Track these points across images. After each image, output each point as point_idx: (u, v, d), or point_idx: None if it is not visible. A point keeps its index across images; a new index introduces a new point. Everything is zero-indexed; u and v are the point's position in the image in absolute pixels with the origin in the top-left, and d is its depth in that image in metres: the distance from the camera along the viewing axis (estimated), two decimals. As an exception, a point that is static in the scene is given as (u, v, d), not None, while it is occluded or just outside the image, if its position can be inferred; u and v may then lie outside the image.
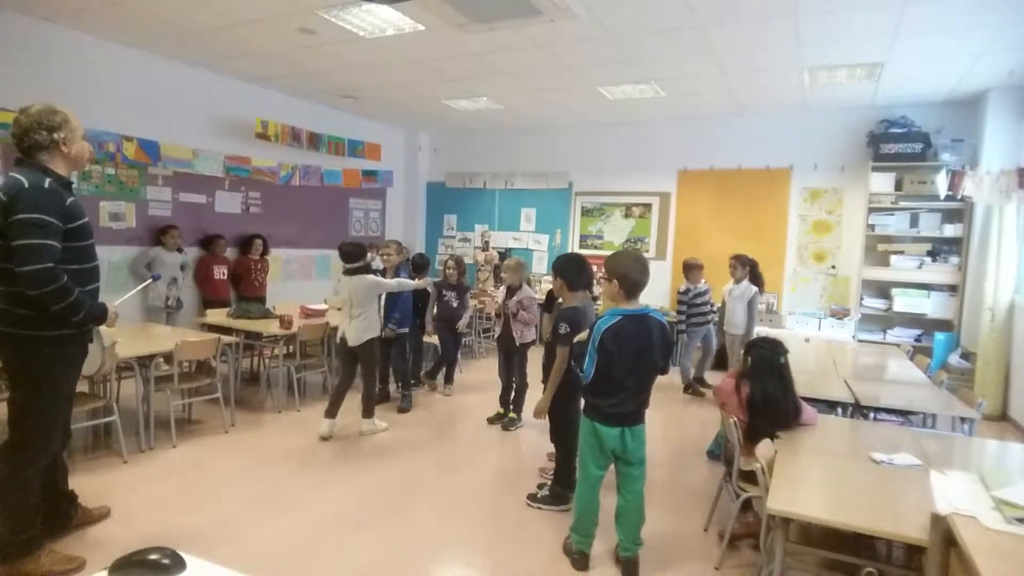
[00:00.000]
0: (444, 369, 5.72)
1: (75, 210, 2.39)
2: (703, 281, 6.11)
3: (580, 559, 2.73)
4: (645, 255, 7.67)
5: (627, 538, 2.72)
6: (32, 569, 2.42)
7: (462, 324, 5.56)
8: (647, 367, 2.66)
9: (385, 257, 5.11)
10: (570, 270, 3.27)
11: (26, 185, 2.25)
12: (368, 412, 4.48)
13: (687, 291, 6.06)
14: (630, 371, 2.59)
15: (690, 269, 6.09)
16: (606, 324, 2.56)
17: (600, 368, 2.56)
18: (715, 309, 6.11)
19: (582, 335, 2.70)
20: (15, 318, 2.30)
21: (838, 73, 5.62)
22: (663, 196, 8.05)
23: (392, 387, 5.32)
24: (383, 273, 5.02)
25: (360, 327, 4.29)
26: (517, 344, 4.71)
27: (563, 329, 3.06)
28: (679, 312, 6.17)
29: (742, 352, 3.15)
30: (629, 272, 2.62)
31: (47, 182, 2.30)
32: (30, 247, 2.20)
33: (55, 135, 2.38)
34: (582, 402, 2.79)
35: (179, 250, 6.08)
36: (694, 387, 6.05)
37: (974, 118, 6.17)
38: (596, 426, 2.65)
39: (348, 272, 4.32)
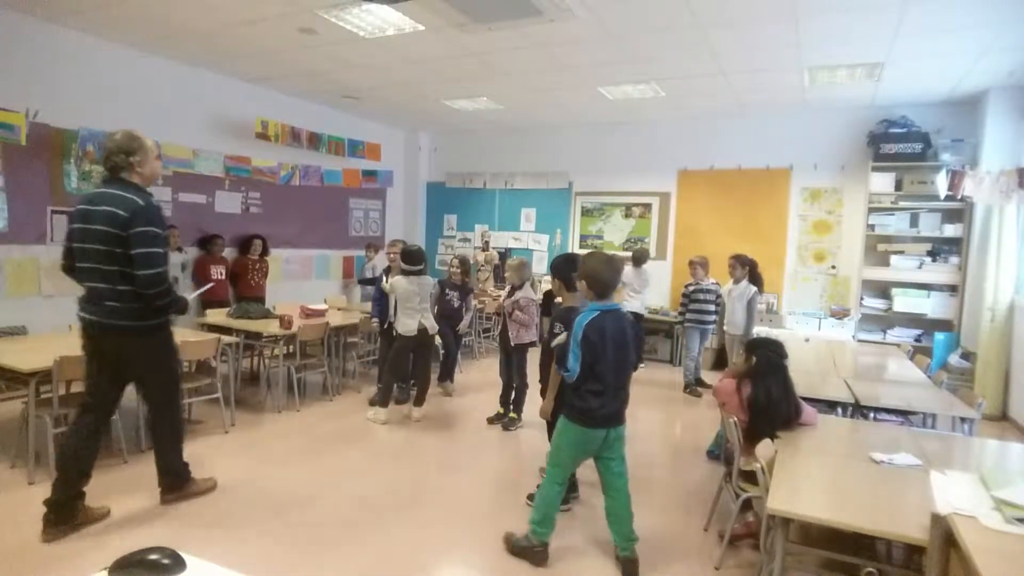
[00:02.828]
0: (442, 368, 5.72)
1: (164, 223, 2.88)
2: (710, 279, 6.09)
3: (543, 551, 2.75)
4: (648, 252, 7.78)
5: (622, 537, 2.74)
6: (193, 488, 3.23)
7: (463, 326, 5.57)
8: (623, 361, 2.69)
9: (392, 256, 5.12)
10: (566, 270, 3.27)
11: (142, 203, 2.72)
12: (421, 401, 4.89)
13: (688, 285, 6.16)
14: (611, 366, 2.62)
15: (689, 266, 6.19)
16: (587, 319, 2.60)
17: (586, 364, 2.58)
18: (714, 310, 6.09)
19: (561, 337, 2.72)
20: (135, 312, 2.79)
21: (838, 73, 5.62)
22: (663, 196, 8.06)
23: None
24: (387, 271, 5.08)
25: (432, 319, 4.84)
26: (513, 344, 4.70)
27: (558, 329, 3.06)
28: (680, 307, 6.26)
29: (742, 352, 3.15)
30: (598, 274, 2.66)
31: (153, 200, 2.81)
32: (149, 255, 2.70)
33: (131, 158, 2.81)
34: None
35: (179, 249, 6.08)
36: (692, 388, 6.06)
37: (974, 118, 6.17)
38: (585, 431, 2.66)
39: (412, 273, 4.66)
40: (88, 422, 2.90)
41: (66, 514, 2.80)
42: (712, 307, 6.03)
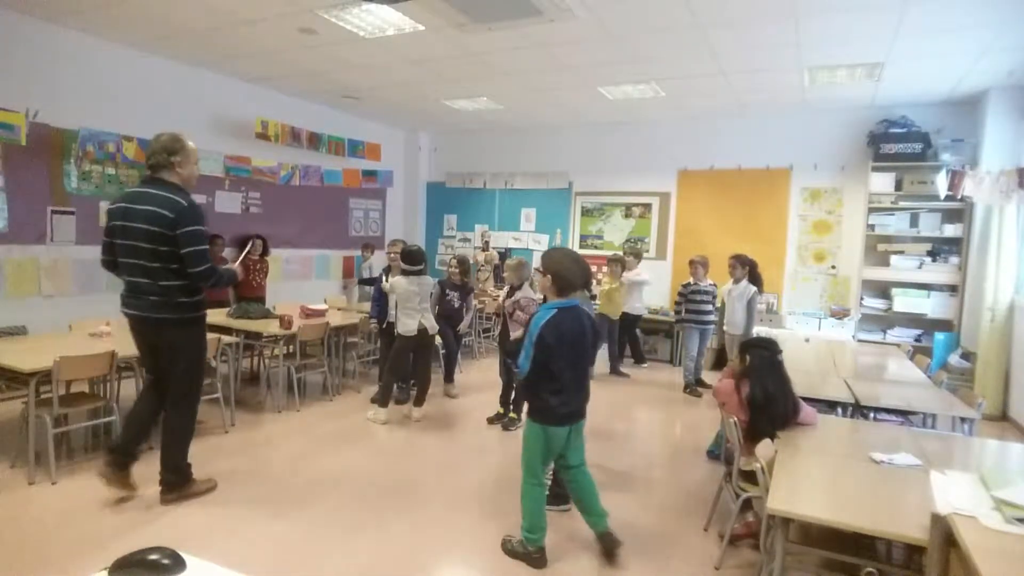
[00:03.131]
0: (445, 369, 5.70)
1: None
2: (708, 280, 6.11)
3: (540, 556, 2.74)
4: (645, 253, 7.80)
5: (593, 514, 2.81)
6: (192, 489, 3.24)
7: (463, 326, 5.54)
8: (581, 358, 2.72)
9: (392, 256, 5.11)
10: None
11: (185, 204, 2.92)
12: (421, 401, 4.89)
13: (686, 285, 6.18)
14: (567, 364, 2.64)
15: (690, 265, 6.22)
16: (543, 319, 2.60)
17: (538, 363, 2.59)
18: (711, 311, 6.10)
19: (519, 332, 2.73)
20: (178, 306, 3.01)
21: (838, 73, 5.62)
22: (663, 196, 8.06)
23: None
24: (387, 271, 5.08)
25: (432, 319, 4.83)
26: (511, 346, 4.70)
27: None
28: (676, 307, 6.30)
29: (738, 355, 3.15)
30: (561, 270, 2.68)
31: (192, 198, 3.00)
32: (198, 253, 2.93)
33: (172, 158, 3.01)
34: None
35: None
36: (692, 388, 6.07)
37: (974, 118, 6.17)
38: (547, 429, 2.68)
39: (412, 273, 4.64)
40: (151, 397, 3.23)
41: (123, 459, 3.13)
42: (710, 307, 6.04)
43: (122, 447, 3.14)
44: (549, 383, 2.64)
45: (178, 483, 3.21)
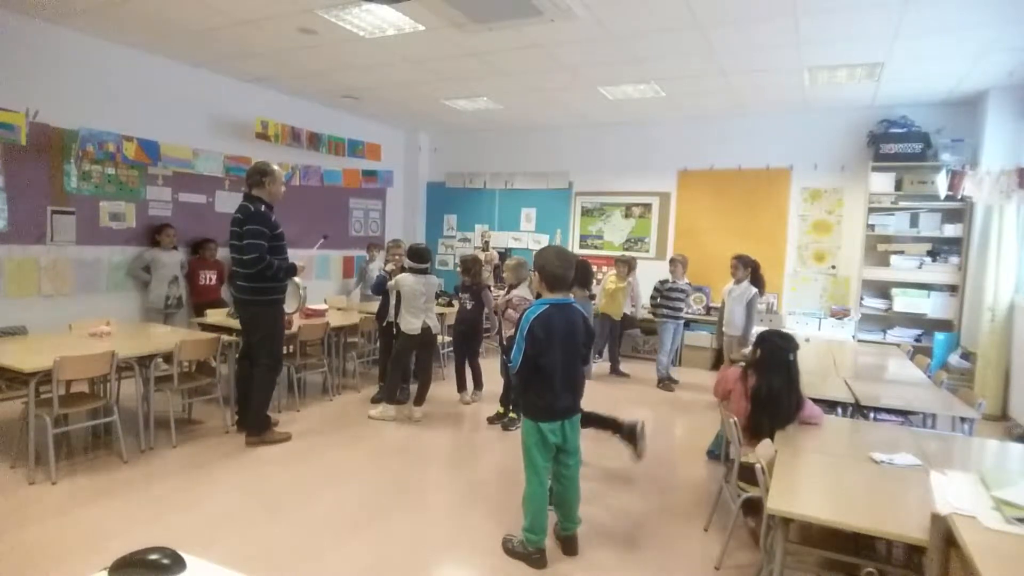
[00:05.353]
0: (473, 380, 5.51)
1: (277, 225, 3.96)
2: (685, 279, 6.34)
3: (540, 557, 2.73)
4: (642, 254, 7.78)
5: (568, 519, 2.85)
6: (270, 436, 4.11)
7: (492, 332, 5.18)
8: (572, 355, 2.73)
9: (396, 258, 5.09)
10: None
11: (253, 210, 3.85)
12: (421, 400, 4.91)
13: (664, 282, 6.38)
14: (557, 360, 2.65)
15: (670, 263, 6.44)
16: (534, 313, 2.63)
17: (528, 358, 2.62)
18: (685, 308, 6.37)
19: (509, 332, 2.75)
20: (255, 290, 3.92)
21: (838, 73, 5.62)
22: (663, 196, 8.05)
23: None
24: (391, 273, 5.07)
25: (435, 318, 4.86)
26: (505, 343, 4.67)
27: None
28: (652, 301, 6.50)
29: (752, 344, 3.17)
30: (548, 265, 2.72)
31: (262, 207, 3.90)
32: (253, 245, 3.79)
33: (262, 179, 3.95)
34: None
35: (175, 248, 6.02)
36: (665, 382, 6.23)
37: (974, 118, 6.17)
38: (540, 425, 2.71)
39: (418, 271, 4.68)
40: (244, 367, 4.16)
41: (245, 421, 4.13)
42: (683, 304, 6.32)
43: (241, 414, 4.15)
44: (539, 378, 2.66)
45: (258, 429, 4.04)
